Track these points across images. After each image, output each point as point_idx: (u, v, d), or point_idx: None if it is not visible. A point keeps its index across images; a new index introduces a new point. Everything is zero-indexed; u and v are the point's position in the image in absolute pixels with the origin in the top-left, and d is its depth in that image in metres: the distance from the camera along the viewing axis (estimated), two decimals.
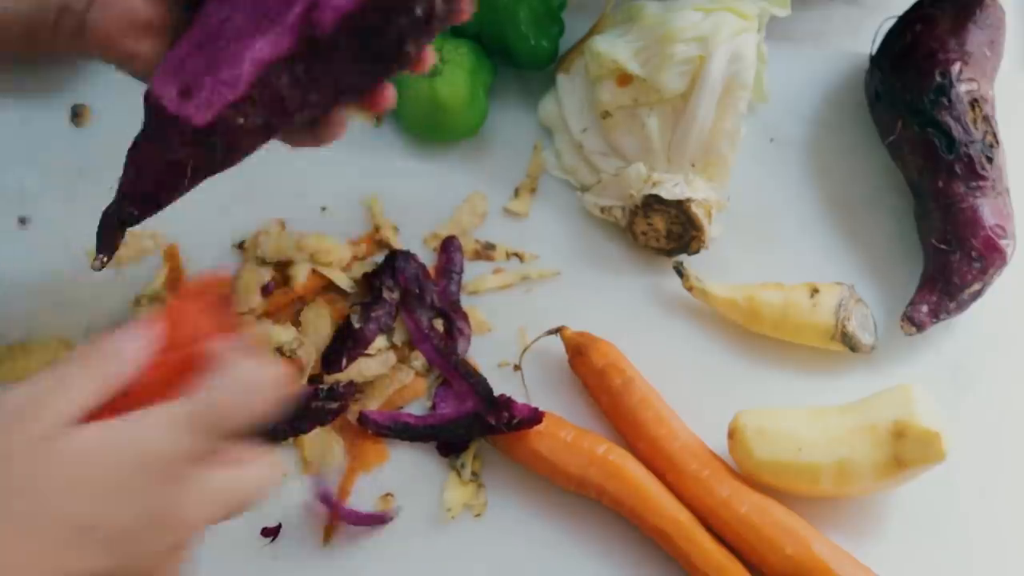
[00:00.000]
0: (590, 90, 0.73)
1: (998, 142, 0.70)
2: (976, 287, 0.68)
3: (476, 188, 0.75)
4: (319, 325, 0.69)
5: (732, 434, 0.64)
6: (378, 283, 0.69)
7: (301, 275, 0.70)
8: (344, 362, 0.67)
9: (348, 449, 0.67)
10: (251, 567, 0.64)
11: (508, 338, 0.70)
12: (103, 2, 0.54)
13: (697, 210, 0.69)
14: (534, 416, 0.64)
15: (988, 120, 0.70)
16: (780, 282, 0.69)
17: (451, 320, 0.70)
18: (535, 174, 0.76)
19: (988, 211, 0.68)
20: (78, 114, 0.76)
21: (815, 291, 0.68)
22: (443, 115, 0.73)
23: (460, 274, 0.72)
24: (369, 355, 0.68)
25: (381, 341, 0.69)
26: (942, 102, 0.69)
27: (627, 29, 0.72)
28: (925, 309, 0.68)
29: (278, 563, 0.64)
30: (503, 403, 0.64)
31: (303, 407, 0.66)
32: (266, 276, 0.70)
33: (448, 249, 0.72)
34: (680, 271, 0.70)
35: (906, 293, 0.69)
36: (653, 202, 0.69)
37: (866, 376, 0.69)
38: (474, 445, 0.66)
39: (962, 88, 0.70)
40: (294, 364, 0.67)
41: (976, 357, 0.70)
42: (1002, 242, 0.68)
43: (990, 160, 0.69)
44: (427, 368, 0.69)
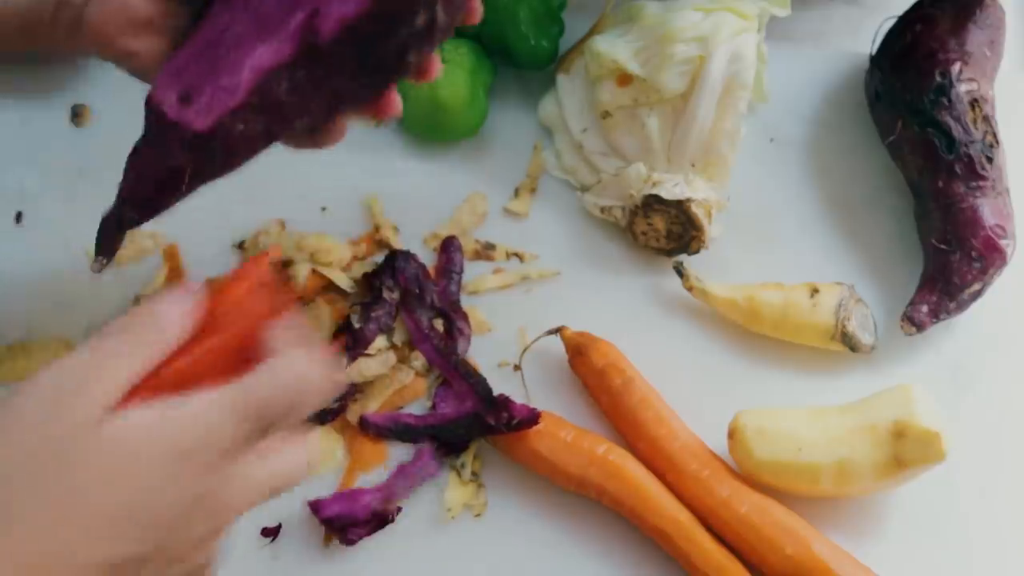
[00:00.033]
0: (590, 90, 0.73)
1: (998, 142, 0.70)
2: (976, 287, 0.68)
3: (476, 188, 0.75)
4: (319, 325, 0.69)
5: (732, 434, 0.64)
6: (378, 283, 0.69)
7: (301, 275, 0.70)
8: (344, 362, 0.67)
9: (348, 449, 0.67)
10: (251, 567, 0.64)
11: (508, 338, 0.70)
12: None
13: (697, 210, 0.69)
14: (532, 416, 0.64)
15: (988, 120, 0.70)
16: (780, 282, 0.69)
17: (451, 320, 0.70)
18: (535, 174, 0.76)
19: (988, 211, 0.68)
20: (78, 114, 0.76)
21: (815, 291, 0.68)
22: (443, 115, 0.73)
23: (460, 274, 0.72)
24: (369, 355, 0.68)
25: (381, 341, 0.69)
26: (942, 102, 0.69)
27: (627, 29, 0.72)
28: (925, 309, 0.68)
29: (278, 563, 0.64)
30: (502, 403, 0.64)
31: None
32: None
33: (448, 249, 0.72)
34: (680, 271, 0.70)
35: (906, 293, 0.69)
36: (653, 202, 0.69)
37: (866, 376, 0.69)
38: (474, 445, 0.66)
39: (962, 88, 0.70)
40: None
41: (976, 357, 0.70)
42: (1002, 242, 0.68)
43: (990, 160, 0.69)
44: (427, 368, 0.69)
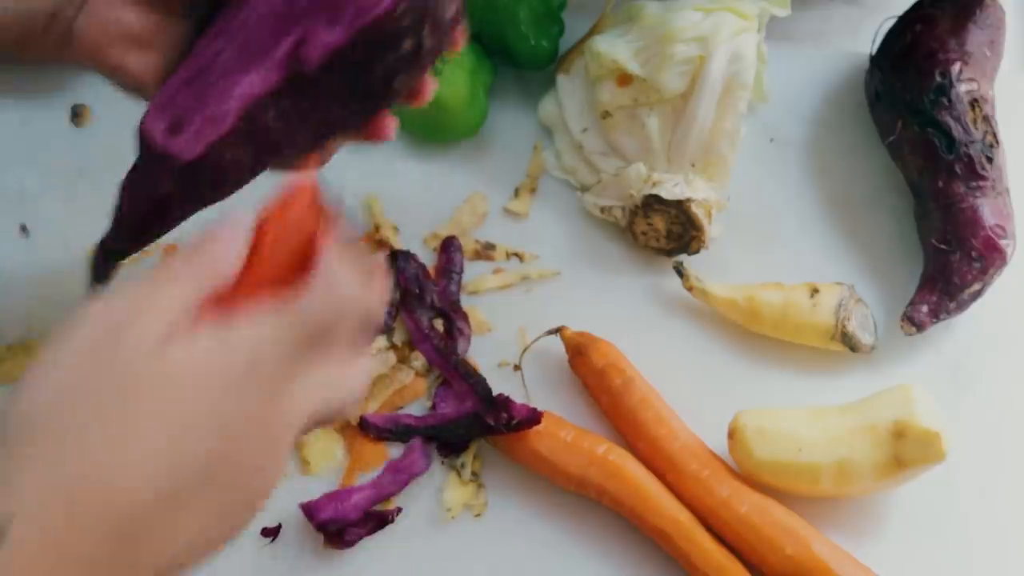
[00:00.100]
0: (590, 90, 0.73)
1: (998, 142, 0.70)
2: (976, 287, 0.68)
3: (476, 188, 0.75)
4: None
5: (732, 434, 0.64)
6: None
7: None
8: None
9: (348, 449, 0.67)
10: (251, 567, 0.64)
11: (508, 338, 0.70)
12: (92, 10, 0.53)
13: (697, 210, 0.69)
14: (532, 417, 0.64)
15: (988, 120, 0.70)
16: (780, 282, 0.69)
17: (451, 320, 0.70)
18: (535, 174, 0.76)
19: (988, 211, 0.68)
20: (78, 114, 0.76)
21: (815, 291, 0.68)
22: (443, 115, 0.73)
23: (460, 274, 0.72)
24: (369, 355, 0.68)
25: (381, 341, 0.69)
26: (942, 102, 0.69)
27: (627, 29, 0.72)
28: (925, 309, 0.68)
29: (278, 563, 0.64)
30: (501, 403, 0.64)
31: None
32: None
33: (448, 249, 0.72)
34: (680, 271, 0.70)
35: (906, 293, 0.69)
36: (653, 202, 0.69)
37: (866, 376, 0.69)
38: (474, 445, 0.66)
39: (962, 88, 0.70)
40: None
41: (976, 357, 0.70)
42: (1002, 242, 0.68)
43: (990, 160, 0.69)
44: (427, 368, 0.69)
